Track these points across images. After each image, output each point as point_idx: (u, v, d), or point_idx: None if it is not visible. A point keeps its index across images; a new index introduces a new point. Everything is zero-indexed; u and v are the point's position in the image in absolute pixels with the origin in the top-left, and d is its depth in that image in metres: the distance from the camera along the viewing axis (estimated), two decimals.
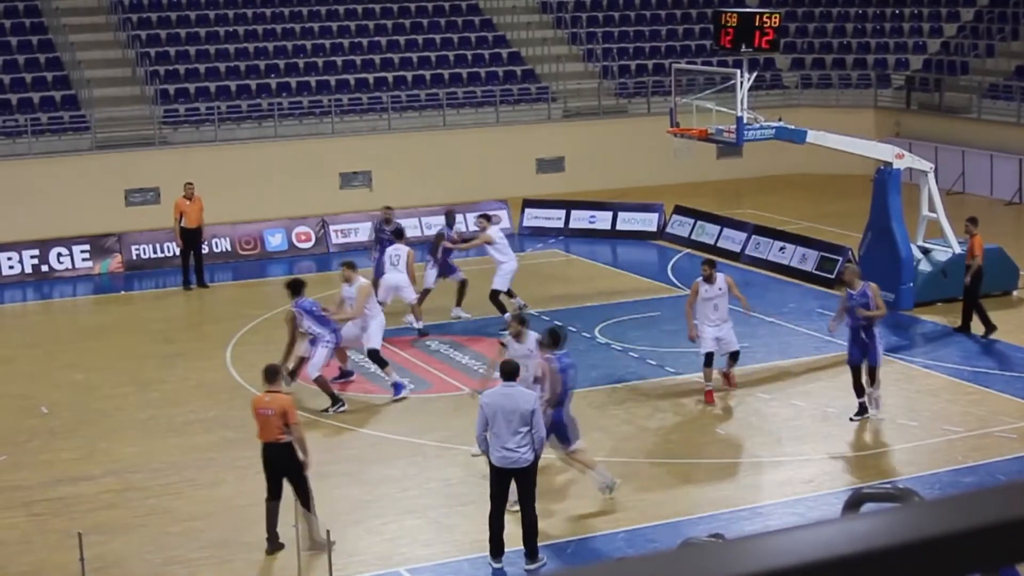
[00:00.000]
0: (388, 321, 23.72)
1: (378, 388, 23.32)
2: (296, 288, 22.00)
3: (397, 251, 25.94)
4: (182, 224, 31.12)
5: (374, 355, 22.85)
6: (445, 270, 27.66)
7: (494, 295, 27.19)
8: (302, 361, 22.37)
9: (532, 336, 18.88)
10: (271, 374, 16.88)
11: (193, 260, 31.29)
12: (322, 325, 21.84)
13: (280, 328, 23.54)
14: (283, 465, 16.54)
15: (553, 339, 17.91)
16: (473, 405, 17.81)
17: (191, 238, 31.24)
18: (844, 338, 21.82)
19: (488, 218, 27.96)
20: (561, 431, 17.84)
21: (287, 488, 16.53)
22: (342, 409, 21.82)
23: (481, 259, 29.04)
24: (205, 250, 32.12)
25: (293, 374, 22.23)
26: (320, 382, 21.88)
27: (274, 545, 16.63)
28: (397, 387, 22.57)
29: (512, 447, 15.77)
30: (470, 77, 43.34)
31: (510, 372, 16.17)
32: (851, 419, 21.08)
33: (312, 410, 21.61)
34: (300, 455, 16.50)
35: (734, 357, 22.65)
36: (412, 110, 41.85)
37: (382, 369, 22.81)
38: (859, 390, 21.17)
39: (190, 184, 31.44)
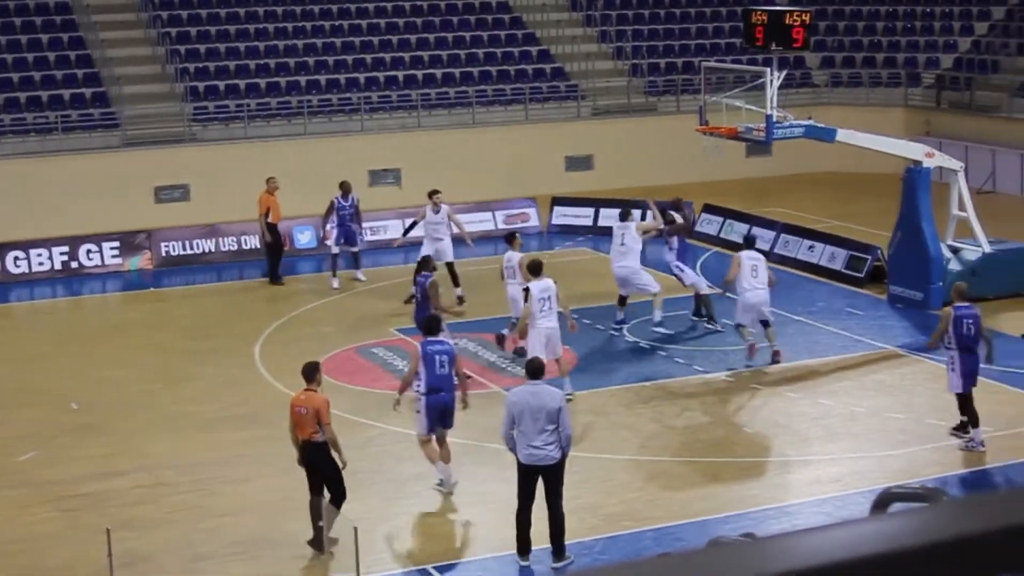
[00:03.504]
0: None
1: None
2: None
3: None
4: (268, 220, 30.99)
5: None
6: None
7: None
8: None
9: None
10: (310, 372, 16.85)
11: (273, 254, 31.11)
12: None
13: (308, 327, 23.53)
14: (318, 463, 16.61)
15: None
16: (500, 403, 17.80)
17: (276, 233, 31.18)
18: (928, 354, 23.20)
19: (432, 192, 29.31)
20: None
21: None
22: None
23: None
24: (235, 247, 32.10)
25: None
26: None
27: (317, 542, 16.52)
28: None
29: (539, 445, 15.78)
30: (499, 75, 43.34)
31: (535, 370, 16.20)
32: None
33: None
34: (335, 455, 16.58)
35: (765, 325, 23.97)
36: (441, 108, 41.89)
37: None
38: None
39: (273, 178, 31.33)
